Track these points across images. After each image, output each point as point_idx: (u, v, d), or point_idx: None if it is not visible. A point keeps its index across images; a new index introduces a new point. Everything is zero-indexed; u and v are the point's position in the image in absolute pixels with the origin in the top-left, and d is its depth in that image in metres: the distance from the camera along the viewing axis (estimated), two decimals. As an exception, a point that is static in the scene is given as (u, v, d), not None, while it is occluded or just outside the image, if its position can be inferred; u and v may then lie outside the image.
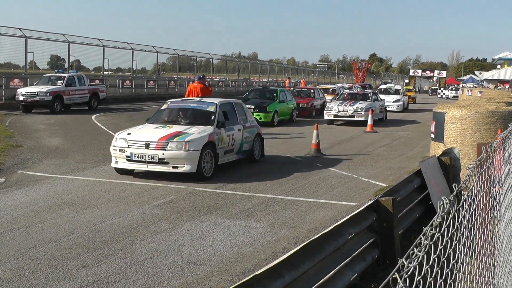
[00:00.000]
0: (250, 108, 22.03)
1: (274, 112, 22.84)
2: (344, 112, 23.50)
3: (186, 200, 9.32)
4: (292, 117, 25.05)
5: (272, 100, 23.48)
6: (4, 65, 35.08)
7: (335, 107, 23.65)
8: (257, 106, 22.54)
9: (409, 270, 1.49)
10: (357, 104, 24.01)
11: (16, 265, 6.13)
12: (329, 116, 23.69)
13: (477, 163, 2.72)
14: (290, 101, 25.17)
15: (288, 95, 25.35)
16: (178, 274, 6.03)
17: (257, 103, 22.91)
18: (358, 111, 23.44)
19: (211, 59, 55.12)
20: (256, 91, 25.81)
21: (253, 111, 21.95)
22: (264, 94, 24.72)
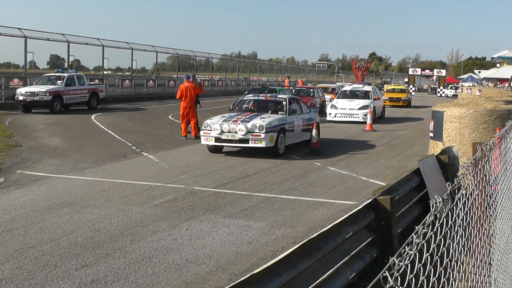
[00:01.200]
0: None
1: None
2: (231, 135, 13.71)
3: (185, 200, 9.33)
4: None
5: None
6: (4, 65, 35.11)
7: (216, 125, 13.75)
8: None
9: (400, 269, 1.50)
10: (255, 120, 13.93)
11: (15, 264, 6.14)
12: (207, 140, 13.99)
13: (472, 162, 2.73)
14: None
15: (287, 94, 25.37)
16: (177, 273, 6.04)
17: None
18: (254, 131, 13.61)
19: (210, 59, 55.16)
20: (255, 90, 25.89)
21: None
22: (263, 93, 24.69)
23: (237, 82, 55.33)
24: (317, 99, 29.33)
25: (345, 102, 25.27)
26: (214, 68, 58.05)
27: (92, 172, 11.50)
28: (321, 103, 29.94)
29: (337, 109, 24.53)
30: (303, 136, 15.67)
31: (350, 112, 24.46)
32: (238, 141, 13.79)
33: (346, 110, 24.22)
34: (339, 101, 25.16)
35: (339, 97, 26.14)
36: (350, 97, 26.38)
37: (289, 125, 14.72)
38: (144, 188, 10.11)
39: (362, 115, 24.05)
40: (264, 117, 14.24)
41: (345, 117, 24.39)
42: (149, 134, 18.04)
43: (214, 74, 56.81)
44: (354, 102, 25.10)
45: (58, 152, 13.99)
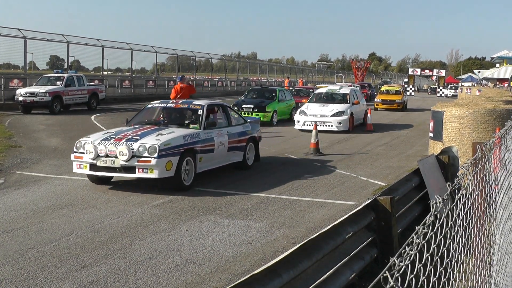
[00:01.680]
0: (249, 107, 22.50)
1: (273, 112, 22.97)
2: (109, 160, 9.72)
3: (185, 200, 9.32)
4: (291, 117, 24.64)
5: (271, 100, 23.61)
6: (4, 66, 35.11)
7: (89, 146, 9.89)
8: (256, 106, 22.71)
9: (400, 269, 1.50)
10: (147, 138, 9.93)
11: (14, 265, 6.13)
12: (80, 167, 10.12)
13: (472, 162, 2.73)
14: (289, 101, 25.20)
15: (287, 95, 25.39)
16: (177, 274, 6.04)
17: (256, 103, 23.03)
18: (142, 154, 9.59)
19: (210, 59, 55.13)
20: (255, 90, 25.88)
21: (252, 110, 22.25)
22: (263, 93, 24.79)
23: (237, 83, 55.32)
24: None
25: (317, 107, 21.06)
26: (213, 68, 58.00)
27: (92, 173, 11.47)
28: None
29: (306, 115, 20.62)
30: (231, 158, 11.79)
31: (322, 119, 20.16)
32: (120, 169, 9.58)
33: (317, 117, 20.12)
34: (310, 106, 21.25)
35: (311, 101, 22.24)
36: (325, 101, 22.12)
37: (204, 144, 10.65)
38: (143, 188, 10.10)
39: (336, 123, 20.23)
40: (164, 133, 10.09)
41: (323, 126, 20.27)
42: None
43: (214, 75, 56.79)
44: (328, 107, 21.00)
45: (58, 153, 13.98)
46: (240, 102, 23.33)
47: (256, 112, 22.06)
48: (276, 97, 23.92)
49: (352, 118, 21.06)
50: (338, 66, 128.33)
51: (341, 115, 20.52)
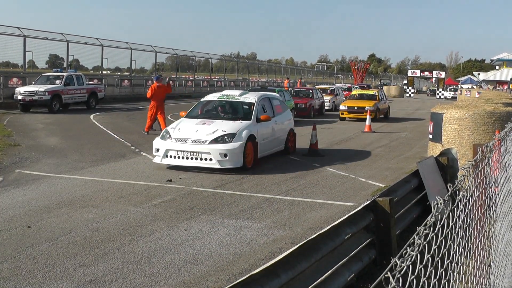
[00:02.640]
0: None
1: None
2: None
3: (184, 200, 9.32)
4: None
5: None
6: (3, 64, 35.09)
7: None
8: None
9: (402, 270, 1.50)
10: None
11: (13, 264, 6.12)
12: None
13: (472, 164, 2.73)
14: (288, 101, 25.06)
15: (286, 95, 24.96)
16: (175, 273, 6.03)
17: None
18: None
19: (209, 59, 55.17)
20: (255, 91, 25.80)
21: None
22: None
23: (236, 83, 55.32)
24: (316, 100, 29.11)
25: (192, 125, 12.57)
26: (213, 68, 58.04)
27: (90, 172, 11.49)
28: (320, 104, 29.64)
29: (171, 140, 12.25)
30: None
31: (194, 147, 11.94)
32: None
33: (186, 144, 12.03)
34: (184, 124, 12.80)
35: (190, 113, 13.65)
36: (212, 115, 13.50)
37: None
38: (142, 188, 10.10)
39: (218, 156, 11.79)
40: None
41: (182, 159, 12.00)
42: (148, 134, 18.01)
43: (213, 75, 56.82)
44: (209, 126, 12.45)
45: (56, 152, 13.97)
46: None
47: None
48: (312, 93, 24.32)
49: (254, 146, 12.53)
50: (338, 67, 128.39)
51: (227, 140, 11.93)
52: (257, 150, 12.77)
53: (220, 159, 11.83)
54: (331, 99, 33.67)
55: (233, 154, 11.88)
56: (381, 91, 29.75)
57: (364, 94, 29.47)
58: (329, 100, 33.20)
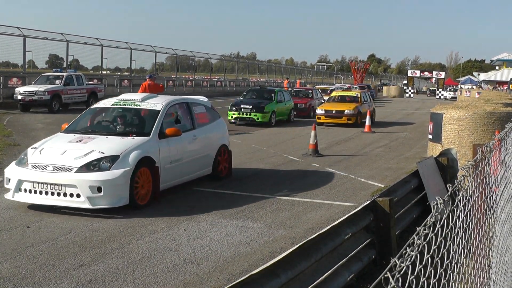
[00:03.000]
0: (248, 108, 22.36)
1: (271, 112, 22.86)
2: None
3: (183, 200, 9.31)
4: (290, 118, 25.03)
5: (270, 100, 23.49)
6: (3, 64, 35.10)
7: None
8: (255, 106, 22.63)
9: (401, 270, 1.50)
10: None
11: (12, 264, 6.12)
12: None
13: (472, 164, 2.73)
14: (287, 101, 25.06)
15: (285, 95, 25.18)
16: (175, 273, 6.03)
17: (254, 103, 22.97)
18: None
19: (209, 59, 55.17)
20: (254, 91, 25.67)
21: (251, 111, 22.28)
22: (261, 94, 24.60)
23: (236, 83, 55.34)
24: (315, 101, 29.09)
25: (62, 144, 8.93)
26: (213, 68, 58.05)
27: (90, 172, 11.45)
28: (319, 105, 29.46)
29: (27, 166, 8.54)
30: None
31: (54, 177, 8.23)
32: None
33: (45, 173, 8.31)
34: (52, 142, 9.23)
35: (72, 126, 10.31)
36: (100, 128, 9.87)
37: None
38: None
39: (88, 191, 8.09)
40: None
41: (40, 194, 8.27)
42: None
43: (213, 75, 56.82)
44: (84, 146, 8.73)
45: (56, 152, 13.95)
46: (239, 103, 23.21)
47: (254, 112, 22.29)
48: (274, 97, 23.74)
49: (153, 173, 8.91)
50: (337, 67, 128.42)
51: (104, 167, 8.29)
52: (157, 179, 8.90)
53: (90, 195, 8.02)
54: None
55: (112, 188, 8.09)
56: (364, 93, 27.01)
57: (345, 96, 26.48)
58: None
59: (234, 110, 22.60)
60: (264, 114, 22.47)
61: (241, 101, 23.44)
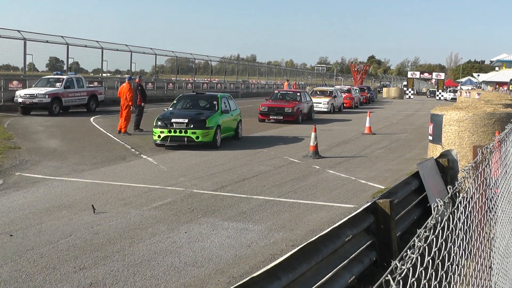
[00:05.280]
0: (182, 123, 15.75)
1: (216, 128, 16.07)
2: None
3: (184, 202, 9.31)
4: (238, 134, 18.55)
5: (212, 111, 16.91)
6: (3, 67, 35.14)
7: None
8: (192, 120, 15.84)
9: (402, 272, 1.49)
10: None
11: (13, 267, 6.12)
12: None
13: (472, 165, 2.73)
14: (234, 111, 18.52)
15: (231, 104, 18.55)
16: (176, 276, 6.03)
17: (191, 116, 16.19)
18: None
19: (209, 61, 55.20)
20: (188, 98, 18.48)
21: (187, 127, 15.65)
22: (198, 102, 17.97)
23: (236, 85, 55.34)
24: (304, 104, 26.45)
25: None
26: (213, 71, 58.05)
27: (91, 175, 11.48)
28: (309, 108, 27.29)
29: None
30: None
31: None
32: None
33: None
34: None
35: None
36: None
37: None
38: (143, 191, 10.10)
39: None
40: None
41: None
42: (148, 137, 18.01)
43: (213, 77, 56.83)
44: None
45: (57, 154, 13.97)
46: (168, 115, 16.26)
47: (192, 129, 15.57)
48: (218, 106, 17.22)
49: None
50: (337, 69, 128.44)
51: None
52: None
53: None
54: (330, 101, 32.87)
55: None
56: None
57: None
58: (327, 102, 32.50)
59: (162, 126, 15.68)
60: (205, 130, 15.69)
61: (172, 113, 16.52)
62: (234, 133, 18.23)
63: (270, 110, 25.29)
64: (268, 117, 25.25)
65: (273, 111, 25.22)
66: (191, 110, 17.10)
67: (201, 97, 18.39)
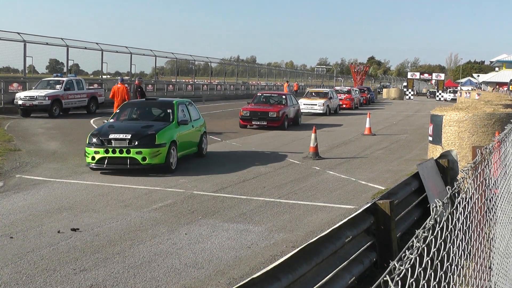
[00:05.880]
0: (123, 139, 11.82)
1: (170, 145, 12.23)
2: None
3: (184, 204, 9.32)
4: (201, 150, 14.44)
5: (165, 122, 13.11)
6: (3, 69, 35.18)
7: None
8: (136, 136, 11.95)
9: (400, 273, 1.50)
10: None
11: (14, 269, 6.12)
12: None
13: (471, 166, 2.73)
14: (196, 121, 14.49)
15: (192, 112, 14.50)
16: (176, 277, 6.03)
17: (136, 129, 12.30)
18: None
19: (209, 63, 55.25)
20: (135, 106, 14.52)
21: (129, 144, 11.77)
22: (148, 111, 14.18)
23: (236, 87, 55.35)
24: (290, 108, 23.59)
25: None
26: (213, 72, 58.10)
27: (91, 177, 11.48)
28: (295, 113, 24.29)
29: None
30: None
31: None
32: None
33: None
34: None
35: None
36: None
37: None
38: (143, 192, 10.10)
39: None
40: None
41: None
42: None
43: (213, 79, 56.85)
44: None
45: (57, 156, 13.97)
46: (106, 130, 12.52)
47: (137, 147, 11.73)
48: (173, 116, 13.32)
49: None
50: (337, 70, 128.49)
51: None
52: None
53: None
54: (325, 102, 31.44)
55: None
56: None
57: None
58: (322, 103, 31.11)
59: (97, 144, 12.06)
60: (155, 149, 11.86)
61: (112, 126, 12.79)
62: (197, 149, 14.24)
63: (252, 114, 22.45)
64: (250, 122, 22.47)
65: (255, 116, 22.42)
66: (138, 122, 13.20)
67: (151, 105, 14.58)
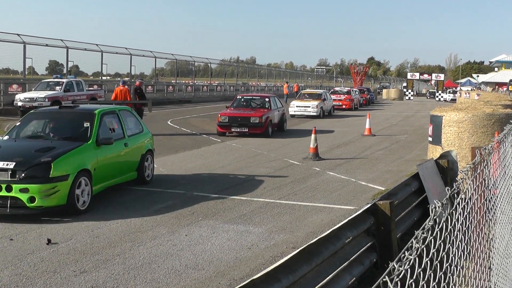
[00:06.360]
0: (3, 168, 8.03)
1: (76, 176, 8.51)
2: None
3: (184, 205, 9.32)
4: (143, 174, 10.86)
5: (78, 141, 9.18)
6: (3, 71, 35.22)
7: None
8: (23, 164, 8.15)
9: (400, 274, 1.50)
10: None
11: (13, 271, 6.12)
12: None
13: (471, 166, 2.73)
14: (134, 137, 10.85)
15: (129, 124, 10.96)
16: (176, 279, 6.03)
17: (27, 154, 8.48)
18: None
19: (209, 64, 55.31)
20: (42, 117, 10.37)
21: (11, 178, 8.02)
22: (60, 124, 10.08)
23: (236, 87, 55.37)
24: (274, 112, 21.09)
25: None
26: (212, 73, 58.15)
27: (91, 178, 11.46)
28: (280, 117, 21.81)
29: None
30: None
31: None
32: None
33: None
34: None
35: None
36: None
37: None
38: (143, 194, 10.10)
39: None
40: None
41: None
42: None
43: (213, 79, 56.88)
44: None
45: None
46: None
47: (22, 182, 8.02)
48: (91, 133, 9.42)
49: None
50: (337, 71, 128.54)
51: None
52: None
53: None
54: (319, 104, 29.74)
55: None
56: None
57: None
58: (316, 105, 29.45)
59: None
60: (47, 185, 8.15)
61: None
62: (137, 174, 10.72)
63: (231, 120, 19.71)
64: (230, 129, 19.74)
65: (235, 122, 19.68)
66: (37, 141, 9.30)
67: (65, 115, 10.34)
